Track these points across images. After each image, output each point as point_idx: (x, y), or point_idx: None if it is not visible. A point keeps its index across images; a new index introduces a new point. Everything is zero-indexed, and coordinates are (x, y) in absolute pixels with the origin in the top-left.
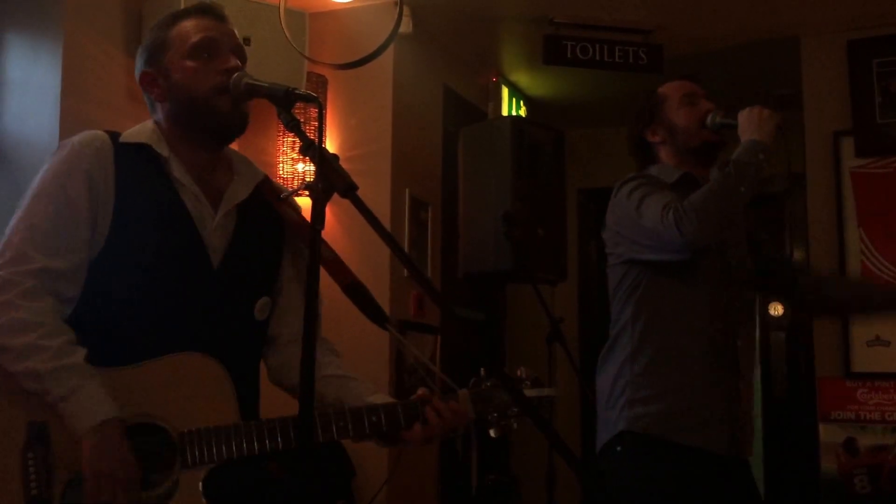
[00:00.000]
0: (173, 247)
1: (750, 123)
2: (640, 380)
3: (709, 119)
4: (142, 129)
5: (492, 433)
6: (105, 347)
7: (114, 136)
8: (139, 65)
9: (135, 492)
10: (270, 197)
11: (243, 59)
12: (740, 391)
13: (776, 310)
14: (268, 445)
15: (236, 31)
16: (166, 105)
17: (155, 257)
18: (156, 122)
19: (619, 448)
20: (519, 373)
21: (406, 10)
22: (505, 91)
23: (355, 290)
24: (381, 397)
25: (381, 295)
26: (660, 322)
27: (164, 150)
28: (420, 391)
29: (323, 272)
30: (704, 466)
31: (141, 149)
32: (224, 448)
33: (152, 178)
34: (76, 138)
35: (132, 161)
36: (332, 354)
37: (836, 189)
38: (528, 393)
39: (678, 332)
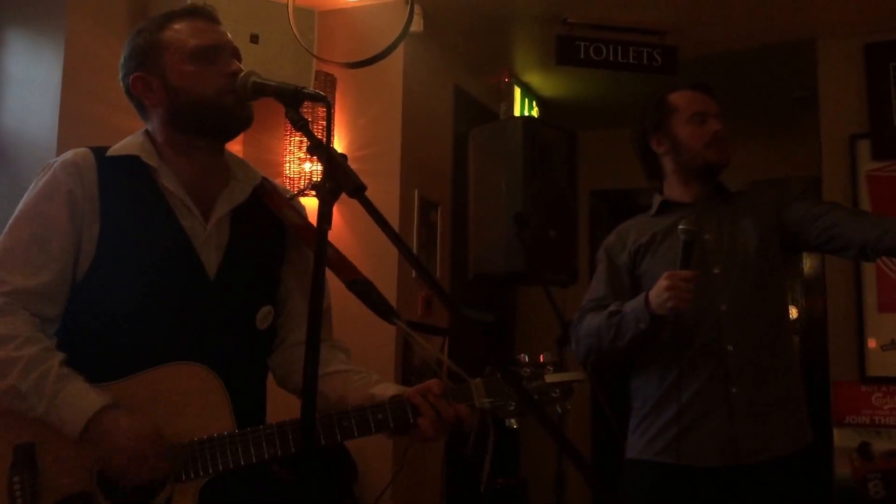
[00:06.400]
0: (166, 261)
1: (658, 288)
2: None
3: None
4: (131, 140)
5: (512, 424)
6: (101, 363)
7: (99, 152)
8: (127, 70)
9: (167, 459)
10: (269, 200)
11: (240, 61)
12: (731, 396)
13: (790, 313)
14: (266, 453)
15: (245, 29)
16: (162, 110)
17: (148, 272)
18: (146, 133)
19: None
20: (542, 358)
21: (417, 9)
22: (517, 91)
23: (361, 287)
24: (385, 387)
25: (389, 295)
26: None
27: (153, 161)
28: (431, 384)
29: (327, 272)
30: (687, 482)
31: (129, 161)
32: (219, 460)
33: (141, 192)
34: (59, 159)
35: (119, 175)
36: (336, 351)
37: (851, 192)
38: (552, 378)
39: (648, 353)
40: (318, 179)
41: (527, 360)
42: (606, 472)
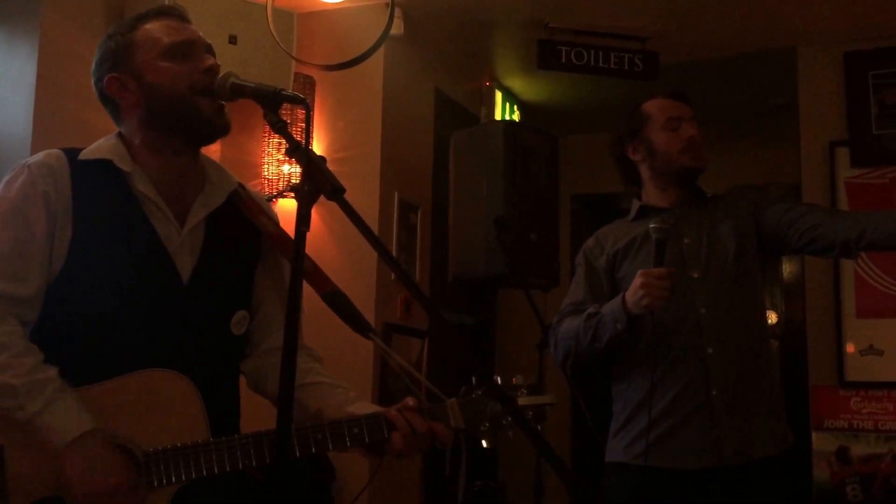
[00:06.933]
0: (140, 266)
1: (633, 287)
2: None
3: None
4: (103, 143)
5: (484, 444)
6: (73, 368)
7: (71, 154)
8: (101, 73)
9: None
10: (244, 206)
11: (214, 57)
12: (712, 398)
13: (770, 318)
14: (240, 463)
15: (223, 29)
16: (138, 111)
17: (121, 277)
18: (120, 136)
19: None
20: (514, 380)
21: (398, 12)
22: (498, 95)
23: (335, 299)
24: (363, 406)
25: (368, 298)
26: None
27: (126, 165)
28: (408, 401)
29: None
30: (668, 485)
31: (102, 165)
32: (192, 467)
33: (114, 195)
34: (32, 160)
35: (92, 179)
36: (313, 361)
37: (831, 199)
38: (525, 401)
39: (628, 358)
40: (297, 181)
41: (500, 382)
42: (586, 477)
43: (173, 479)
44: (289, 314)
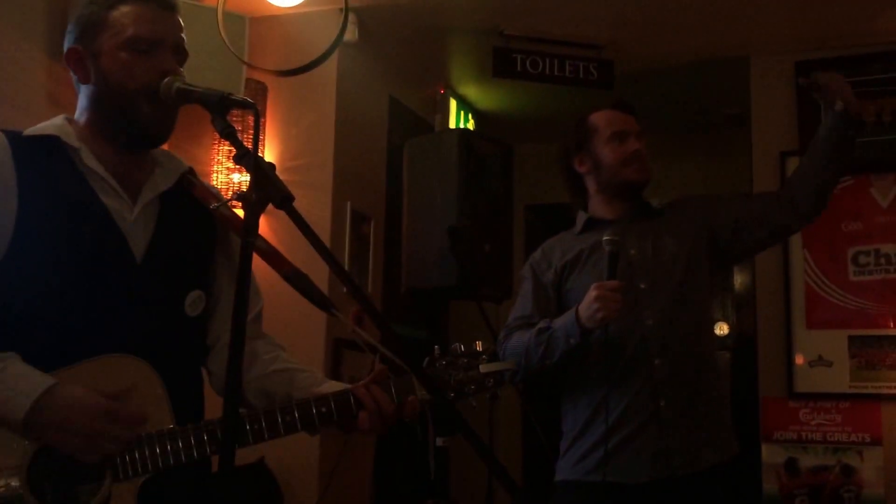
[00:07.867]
0: (90, 242)
1: (588, 300)
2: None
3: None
4: (50, 122)
5: (439, 441)
6: (25, 353)
7: (12, 132)
8: (69, 39)
9: (133, 427)
10: (195, 191)
11: (183, 58)
12: (660, 409)
13: (721, 329)
14: (208, 450)
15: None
16: (91, 88)
17: (71, 255)
18: (66, 119)
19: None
20: (476, 346)
21: (352, 18)
22: (453, 103)
23: (297, 279)
24: (332, 386)
25: (318, 312)
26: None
27: (73, 141)
28: (377, 370)
29: (262, 263)
30: (618, 500)
31: (48, 142)
32: (159, 456)
33: (61, 172)
34: None
35: (37, 155)
36: (276, 349)
37: None
38: (486, 368)
39: (575, 374)
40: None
41: (462, 349)
42: (538, 494)
43: (139, 469)
44: (236, 311)
